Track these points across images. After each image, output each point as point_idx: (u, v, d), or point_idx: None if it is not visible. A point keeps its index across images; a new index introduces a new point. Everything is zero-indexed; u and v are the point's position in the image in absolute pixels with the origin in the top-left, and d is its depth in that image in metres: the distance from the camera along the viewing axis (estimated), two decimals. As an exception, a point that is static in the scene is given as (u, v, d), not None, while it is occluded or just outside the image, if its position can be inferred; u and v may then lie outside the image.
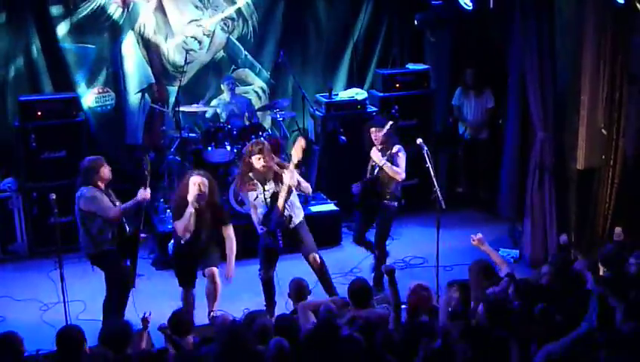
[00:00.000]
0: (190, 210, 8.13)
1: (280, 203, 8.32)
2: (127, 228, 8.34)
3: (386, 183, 9.04)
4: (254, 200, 8.47)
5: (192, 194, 8.13)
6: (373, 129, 9.12)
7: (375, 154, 9.06)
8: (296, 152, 8.28)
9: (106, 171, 8.23)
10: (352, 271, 9.79)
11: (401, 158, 9.03)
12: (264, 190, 8.41)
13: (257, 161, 8.35)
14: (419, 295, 6.98)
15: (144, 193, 8.18)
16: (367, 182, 9.10)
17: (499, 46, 11.43)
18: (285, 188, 8.31)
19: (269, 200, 8.38)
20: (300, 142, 8.29)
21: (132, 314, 8.08)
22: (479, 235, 7.89)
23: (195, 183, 8.16)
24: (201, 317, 8.27)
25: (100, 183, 8.20)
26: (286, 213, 8.39)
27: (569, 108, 9.72)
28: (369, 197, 9.10)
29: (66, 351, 6.36)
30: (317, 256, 8.56)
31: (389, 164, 8.94)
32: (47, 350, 6.99)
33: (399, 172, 8.97)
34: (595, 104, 9.48)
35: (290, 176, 8.28)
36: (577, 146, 9.67)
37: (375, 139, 9.07)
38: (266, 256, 8.64)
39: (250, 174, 8.44)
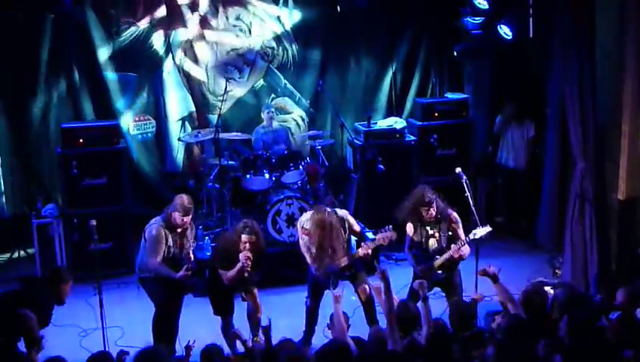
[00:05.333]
0: (237, 269, 8.15)
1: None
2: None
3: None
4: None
5: (243, 255, 8.14)
6: (429, 207, 8.42)
7: (463, 250, 8.36)
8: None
9: (177, 217, 8.21)
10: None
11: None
12: None
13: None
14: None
15: (185, 275, 8.18)
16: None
17: (538, 75, 11.39)
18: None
19: None
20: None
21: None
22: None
23: (247, 242, 8.16)
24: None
25: (171, 222, 8.23)
26: None
27: (610, 137, 9.64)
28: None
29: None
30: (367, 287, 8.53)
31: (467, 247, 8.45)
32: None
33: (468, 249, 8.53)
34: (637, 133, 9.40)
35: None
36: (618, 176, 9.58)
37: (432, 213, 8.45)
38: (314, 288, 8.65)
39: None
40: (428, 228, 8.47)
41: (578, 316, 6.67)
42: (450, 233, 8.45)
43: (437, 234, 8.46)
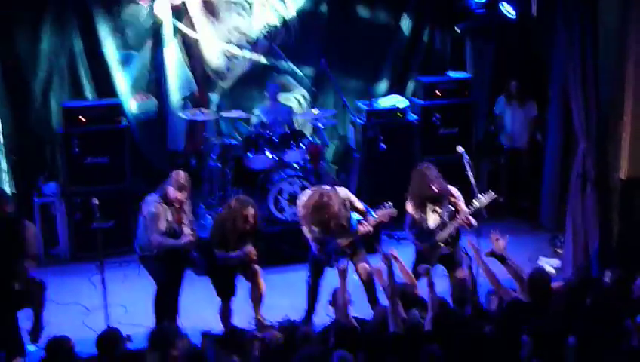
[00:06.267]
0: (239, 258, 8.24)
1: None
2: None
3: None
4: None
5: (249, 253, 8.22)
6: (435, 181, 8.43)
7: (463, 219, 8.39)
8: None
9: (170, 191, 8.23)
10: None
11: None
12: None
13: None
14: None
15: (189, 241, 8.26)
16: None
17: (541, 55, 11.36)
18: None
19: None
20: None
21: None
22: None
23: (250, 215, 8.20)
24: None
25: (168, 197, 8.25)
26: None
27: (612, 117, 9.61)
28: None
29: (105, 354, 6.44)
30: (367, 266, 8.54)
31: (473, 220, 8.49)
32: (87, 353, 7.04)
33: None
34: (639, 113, 9.38)
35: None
36: (621, 156, 9.57)
37: (435, 190, 8.43)
38: (315, 267, 8.67)
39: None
40: (429, 204, 8.46)
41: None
42: (452, 208, 8.44)
43: (438, 210, 8.46)
